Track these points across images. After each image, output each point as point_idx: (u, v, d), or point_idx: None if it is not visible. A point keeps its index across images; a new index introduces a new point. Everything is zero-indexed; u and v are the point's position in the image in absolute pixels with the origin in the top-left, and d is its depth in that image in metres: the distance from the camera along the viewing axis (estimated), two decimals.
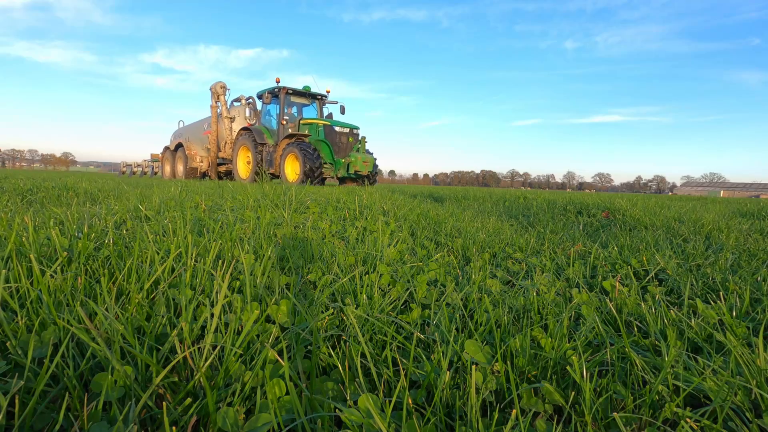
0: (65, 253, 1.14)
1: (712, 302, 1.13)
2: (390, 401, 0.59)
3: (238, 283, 1.09)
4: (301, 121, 10.87)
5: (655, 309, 1.06)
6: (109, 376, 0.61)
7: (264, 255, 1.26)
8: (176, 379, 0.64)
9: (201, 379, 0.62)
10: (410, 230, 2.22)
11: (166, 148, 16.10)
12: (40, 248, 1.21)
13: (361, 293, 1.07)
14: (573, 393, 0.67)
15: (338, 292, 1.13)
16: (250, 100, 12.93)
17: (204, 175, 14.38)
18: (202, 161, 13.99)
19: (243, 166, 11.95)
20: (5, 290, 0.84)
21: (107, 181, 6.21)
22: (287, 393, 0.62)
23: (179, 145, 14.88)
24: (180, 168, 14.73)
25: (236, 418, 0.57)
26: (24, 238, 1.21)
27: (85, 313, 0.74)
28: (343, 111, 12.08)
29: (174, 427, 0.51)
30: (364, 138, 11.18)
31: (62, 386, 0.64)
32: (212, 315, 0.74)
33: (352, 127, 10.79)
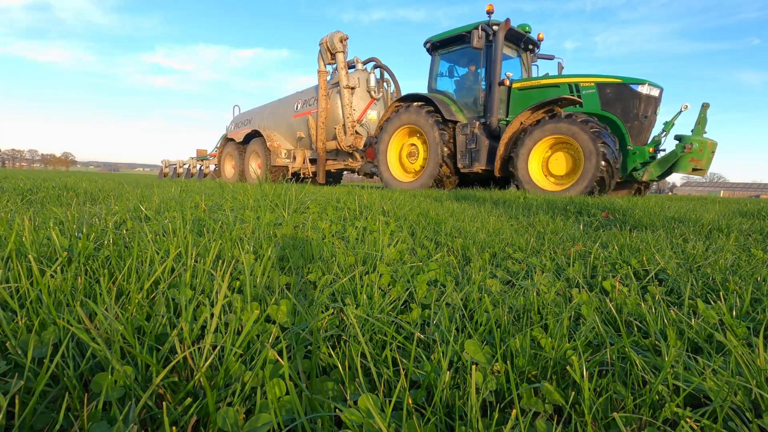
0: (65, 253, 1.14)
1: (712, 302, 1.13)
2: (390, 401, 0.59)
3: (238, 283, 1.09)
4: (545, 79, 6.36)
5: (655, 309, 1.06)
6: (109, 376, 0.61)
7: (264, 255, 1.26)
8: (176, 379, 0.64)
9: (201, 379, 0.62)
10: (410, 230, 2.22)
11: (228, 141, 11.96)
12: (40, 248, 1.21)
13: (361, 293, 1.07)
14: (573, 393, 0.67)
15: (338, 292, 1.13)
16: (372, 63, 8.75)
17: (298, 176, 9.95)
18: (293, 156, 9.61)
19: (395, 162, 7.59)
20: (5, 290, 0.84)
21: (107, 181, 6.21)
22: (287, 393, 0.62)
23: (252, 135, 10.65)
24: (253, 166, 10.68)
25: (236, 418, 0.57)
26: (24, 238, 1.21)
27: (85, 313, 0.74)
28: (561, 70, 7.59)
29: (174, 427, 0.51)
30: (706, 105, 5.78)
31: (62, 386, 0.64)
32: (212, 315, 0.74)
33: (659, 88, 5.93)
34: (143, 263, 1.14)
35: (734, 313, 1.06)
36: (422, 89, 7.75)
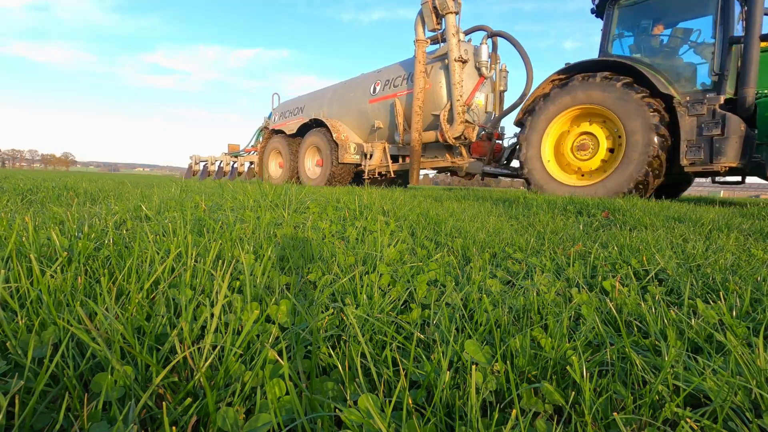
0: (65, 253, 1.14)
1: (712, 302, 1.13)
2: (390, 401, 0.59)
3: (238, 283, 1.09)
4: None
5: (655, 309, 1.06)
6: (109, 376, 0.61)
7: (264, 255, 1.26)
8: (176, 379, 0.64)
9: (201, 379, 0.62)
10: (410, 230, 2.22)
11: (274, 134, 9.74)
12: (40, 248, 1.21)
13: (361, 293, 1.07)
14: (573, 393, 0.67)
15: (338, 292, 1.13)
16: (483, 33, 6.53)
17: (381, 176, 8.01)
18: (367, 152, 7.50)
19: (550, 157, 5.52)
20: (5, 290, 0.84)
21: (107, 181, 6.21)
22: (287, 393, 0.62)
23: (309, 126, 8.57)
24: (308, 165, 8.66)
25: (236, 418, 0.57)
26: (24, 238, 1.21)
27: (85, 313, 0.74)
28: None
29: (174, 427, 0.51)
30: None
31: (62, 386, 0.64)
32: (212, 315, 0.74)
33: None
34: (143, 263, 1.14)
35: (734, 313, 1.06)
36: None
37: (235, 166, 12.35)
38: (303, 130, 8.91)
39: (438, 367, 0.72)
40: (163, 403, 0.55)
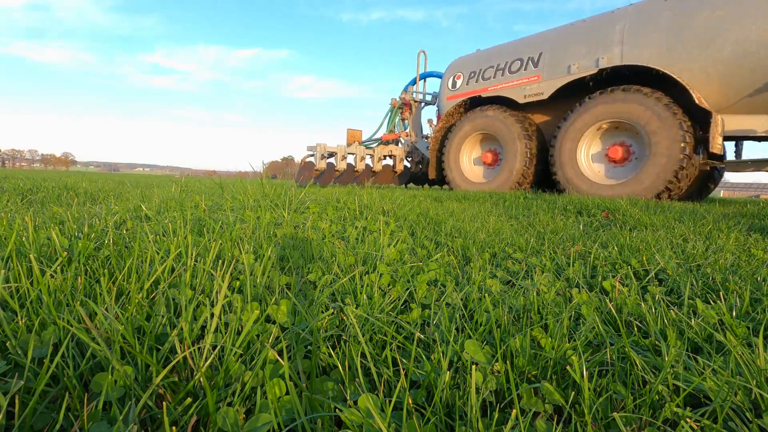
0: (65, 253, 1.14)
1: (712, 302, 1.13)
2: (390, 401, 0.59)
3: (238, 283, 1.09)
4: None
5: (655, 309, 1.06)
6: (109, 376, 0.61)
7: (264, 255, 1.26)
8: (176, 379, 0.64)
9: (201, 379, 0.62)
10: (410, 230, 2.22)
11: (469, 111, 6.32)
12: (40, 248, 1.20)
13: (361, 293, 1.07)
14: (573, 393, 0.67)
15: (338, 292, 1.13)
16: None
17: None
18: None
19: None
20: (5, 290, 0.84)
21: (107, 181, 6.21)
22: (287, 393, 0.62)
23: (602, 80, 5.03)
24: (582, 159, 5.26)
25: (236, 418, 0.57)
26: (24, 238, 1.21)
27: (85, 313, 0.74)
28: None
29: (174, 427, 0.51)
30: None
31: (62, 386, 0.64)
32: (212, 315, 0.74)
33: None
34: (143, 263, 1.14)
35: (734, 313, 1.06)
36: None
37: (370, 164, 8.39)
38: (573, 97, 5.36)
39: (438, 367, 0.72)
40: (163, 403, 0.55)
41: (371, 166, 8.35)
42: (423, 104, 8.79)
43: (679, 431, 0.58)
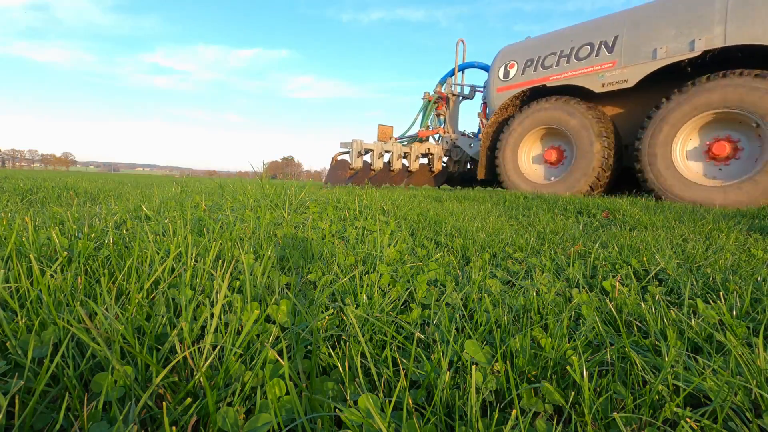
0: (65, 253, 1.14)
1: (712, 302, 1.13)
2: (390, 401, 0.59)
3: (238, 283, 1.09)
4: None
5: (655, 309, 1.06)
6: (109, 376, 0.61)
7: (264, 255, 1.26)
8: (176, 379, 0.64)
9: (201, 379, 0.62)
10: (410, 230, 2.22)
11: (538, 105, 5.47)
12: (40, 248, 1.20)
13: (361, 293, 1.07)
14: (573, 393, 0.67)
15: (338, 292, 1.13)
16: None
17: None
18: None
19: None
20: (5, 290, 0.84)
21: (107, 181, 6.21)
22: (287, 393, 0.62)
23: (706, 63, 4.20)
24: (677, 158, 4.42)
25: (236, 418, 0.57)
26: (24, 238, 1.21)
27: (85, 313, 0.74)
28: None
29: (174, 427, 0.51)
30: None
31: (62, 386, 0.64)
32: (212, 315, 0.74)
33: None
34: (143, 263, 1.14)
35: (734, 313, 1.06)
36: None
37: (408, 164, 7.67)
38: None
39: (438, 367, 0.72)
40: (163, 403, 0.55)
41: (407, 165, 7.60)
42: (461, 98, 8.00)
43: (679, 431, 0.58)
